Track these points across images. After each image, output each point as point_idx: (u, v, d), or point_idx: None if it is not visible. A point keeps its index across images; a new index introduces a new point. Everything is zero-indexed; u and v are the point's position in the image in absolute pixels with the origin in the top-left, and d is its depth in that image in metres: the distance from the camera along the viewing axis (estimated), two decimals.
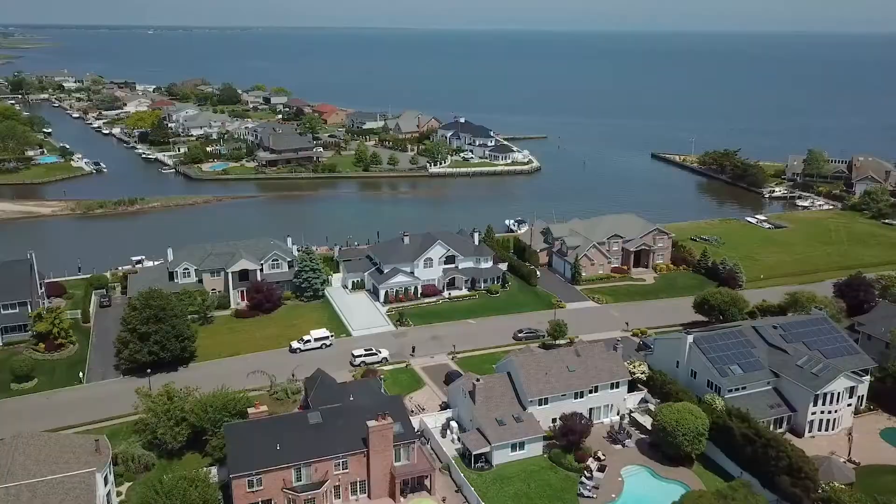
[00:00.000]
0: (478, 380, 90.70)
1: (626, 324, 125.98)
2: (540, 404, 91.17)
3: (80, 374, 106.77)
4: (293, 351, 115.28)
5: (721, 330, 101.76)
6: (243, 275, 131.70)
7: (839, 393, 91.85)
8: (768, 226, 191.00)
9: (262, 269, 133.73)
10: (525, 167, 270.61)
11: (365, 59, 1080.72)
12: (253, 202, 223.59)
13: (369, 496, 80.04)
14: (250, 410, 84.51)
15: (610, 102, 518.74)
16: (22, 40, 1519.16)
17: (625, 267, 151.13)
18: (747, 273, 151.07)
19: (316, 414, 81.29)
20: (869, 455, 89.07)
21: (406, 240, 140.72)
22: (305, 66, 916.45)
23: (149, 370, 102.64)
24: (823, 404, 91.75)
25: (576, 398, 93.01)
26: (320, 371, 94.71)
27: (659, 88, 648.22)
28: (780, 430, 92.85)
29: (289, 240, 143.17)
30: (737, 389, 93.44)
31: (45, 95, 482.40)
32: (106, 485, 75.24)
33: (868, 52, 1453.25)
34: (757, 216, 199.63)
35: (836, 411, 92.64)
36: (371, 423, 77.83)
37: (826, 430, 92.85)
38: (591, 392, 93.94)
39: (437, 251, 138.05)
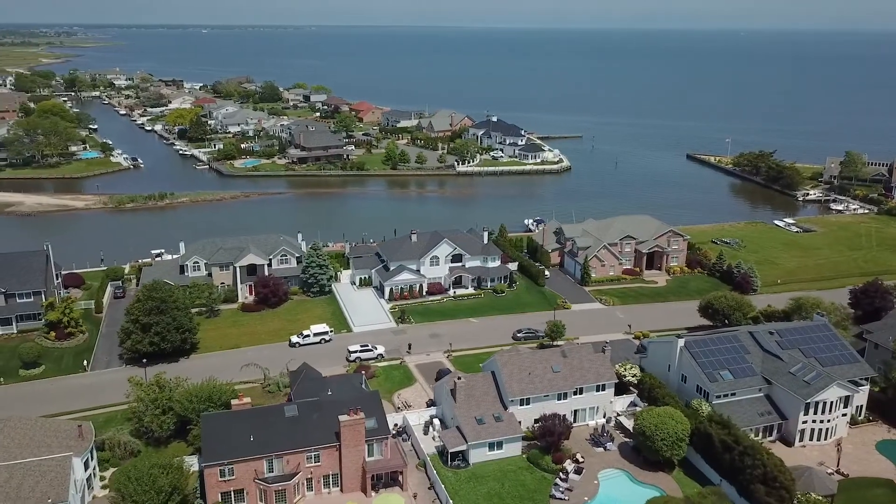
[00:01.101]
0: (459, 378, 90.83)
1: (629, 326, 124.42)
2: (521, 404, 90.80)
3: (85, 362, 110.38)
4: (293, 345, 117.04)
5: (715, 335, 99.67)
6: (251, 269, 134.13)
7: (832, 402, 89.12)
8: (796, 229, 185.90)
9: (270, 265, 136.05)
10: (554, 167, 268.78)
11: (412, 58, 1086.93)
12: (279, 199, 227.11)
13: (342, 490, 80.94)
14: (234, 402, 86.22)
15: (648, 102, 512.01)
16: (83, 39, 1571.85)
17: (637, 269, 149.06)
18: (765, 277, 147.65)
19: (293, 407, 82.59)
20: (861, 467, 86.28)
21: (413, 237, 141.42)
22: (352, 63, 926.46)
23: (144, 360, 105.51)
24: (815, 413, 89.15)
25: (559, 399, 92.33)
26: (305, 365, 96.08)
27: (698, 88, 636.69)
28: (770, 439, 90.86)
29: (299, 235, 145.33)
30: (725, 395, 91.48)
31: (97, 93, 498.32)
32: (87, 469, 77.82)
33: None
34: (785, 219, 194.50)
35: (829, 421, 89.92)
36: (343, 418, 78.74)
37: (818, 439, 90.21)
38: (575, 394, 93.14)
39: (444, 249, 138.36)
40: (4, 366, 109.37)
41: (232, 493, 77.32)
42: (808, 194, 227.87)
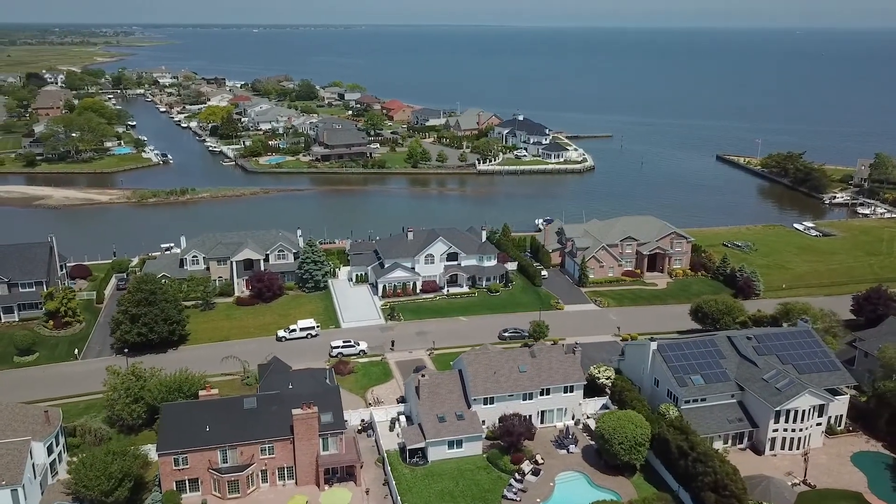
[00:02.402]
0: (423, 375, 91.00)
1: (618, 328, 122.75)
2: (485, 403, 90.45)
3: (77, 350, 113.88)
4: (279, 339, 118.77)
5: (691, 339, 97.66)
6: (248, 264, 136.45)
7: (804, 411, 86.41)
8: (815, 233, 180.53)
9: (267, 260, 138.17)
10: (577, 166, 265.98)
11: (457, 56, 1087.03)
12: (298, 195, 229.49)
13: (296, 482, 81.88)
14: (201, 393, 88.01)
15: (683, 102, 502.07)
16: (140, 39, 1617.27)
17: (638, 270, 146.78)
18: (772, 282, 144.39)
19: (252, 399, 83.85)
20: (832, 479, 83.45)
21: (410, 235, 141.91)
22: (395, 62, 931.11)
23: (126, 349, 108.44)
24: (786, 421, 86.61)
25: (524, 399, 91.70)
26: (275, 358, 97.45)
27: (739, 87, 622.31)
28: (740, 446, 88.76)
29: (298, 231, 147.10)
30: (695, 400, 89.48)
31: (141, 90, 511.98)
32: (50, 454, 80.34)
33: None
34: (805, 223, 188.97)
35: (801, 430, 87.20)
36: (296, 412, 79.63)
37: (790, 448, 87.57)
38: (542, 394, 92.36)
39: (439, 248, 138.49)
40: (2, 352, 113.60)
41: (187, 482, 78.89)
42: (834, 197, 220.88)
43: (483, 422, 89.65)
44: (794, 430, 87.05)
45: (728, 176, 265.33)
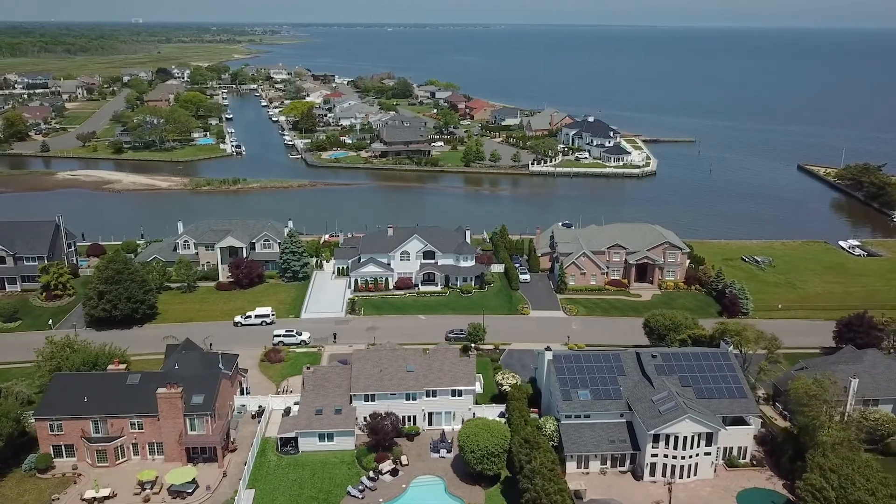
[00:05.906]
0: (307, 367, 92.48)
1: (568, 337, 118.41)
2: (366, 400, 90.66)
3: (50, 321, 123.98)
4: (235, 325, 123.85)
5: (593, 352, 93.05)
6: (232, 251, 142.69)
7: (687, 437, 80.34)
8: (859, 252, 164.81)
9: (253, 248, 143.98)
10: (635, 171, 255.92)
11: (577, 56, 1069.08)
12: (345, 189, 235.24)
13: (165, 458, 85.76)
14: (110, 367, 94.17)
15: (778, 105, 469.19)
16: (284, 37, 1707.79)
17: (624, 280, 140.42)
18: (774, 301, 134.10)
19: (136, 376, 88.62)
20: None
21: (390, 231, 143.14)
22: (513, 61, 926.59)
23: (73, 324, 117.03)
24: (666, 447, 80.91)
25: (408, 399, 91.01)
26: (188, 341, 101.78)
27: (846, 91, 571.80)
28: (621, 469, 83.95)
29: (289, 222, 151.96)
30: (578, 416, 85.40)
31: (254, 86, 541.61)
32: None
33: None
34: (851, 241, 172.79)
35: (686, 458, 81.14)
36: (160, 391, 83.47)
37: (673, 476, 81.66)
38: (428, 396, 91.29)
39: (414, 245, 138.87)
40: None
41: (63, 447, 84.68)
42: None
43: (365, 419, 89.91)
44: (675, 458, 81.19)
45: (802, 187, 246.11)
